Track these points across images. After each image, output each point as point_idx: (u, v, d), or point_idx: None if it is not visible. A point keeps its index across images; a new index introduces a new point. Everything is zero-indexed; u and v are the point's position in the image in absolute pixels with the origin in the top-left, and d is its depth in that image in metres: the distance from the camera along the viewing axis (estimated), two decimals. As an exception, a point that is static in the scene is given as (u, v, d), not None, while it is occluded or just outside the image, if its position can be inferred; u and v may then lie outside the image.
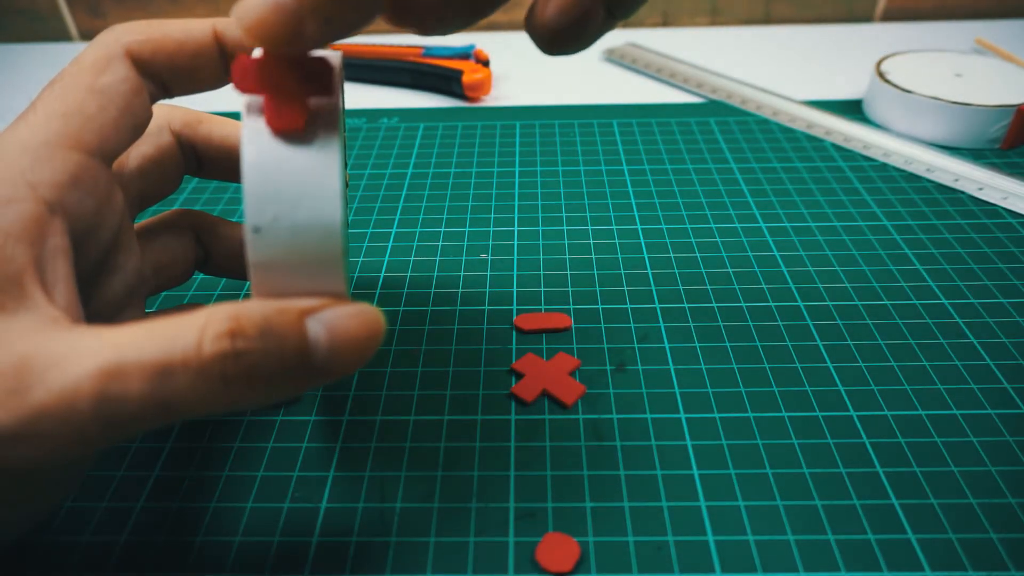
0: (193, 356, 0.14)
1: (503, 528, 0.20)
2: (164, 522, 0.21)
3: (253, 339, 0.15)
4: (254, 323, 0.15)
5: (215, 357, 0.14)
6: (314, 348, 0.15)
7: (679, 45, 0.55)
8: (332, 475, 0.22)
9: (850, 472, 0.22)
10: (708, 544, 0.20)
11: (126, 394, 0.14)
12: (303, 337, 0.15)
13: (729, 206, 0.34)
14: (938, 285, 0.29)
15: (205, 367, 0.14)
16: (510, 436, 0.23)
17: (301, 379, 0.15)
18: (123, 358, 0.14)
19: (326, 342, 0.15)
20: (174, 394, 0.14)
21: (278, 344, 0.15)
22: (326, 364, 0.15)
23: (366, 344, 0.15)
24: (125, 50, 0.18)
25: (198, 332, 0.14)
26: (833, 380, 0.25)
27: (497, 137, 0.42)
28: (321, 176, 0.16)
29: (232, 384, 0.14)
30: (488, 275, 0.30)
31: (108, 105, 0.17)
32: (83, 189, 0.17)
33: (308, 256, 0.16)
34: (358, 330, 0.15)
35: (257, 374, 0.15)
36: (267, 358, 0.15)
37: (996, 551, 0.19)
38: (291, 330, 0.15)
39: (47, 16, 0.60)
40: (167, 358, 0.14)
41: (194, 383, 0.14)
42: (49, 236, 0.16)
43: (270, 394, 0.15)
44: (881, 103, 0.41)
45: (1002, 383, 0.24)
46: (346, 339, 0.15)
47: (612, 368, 0.25)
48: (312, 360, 0.15)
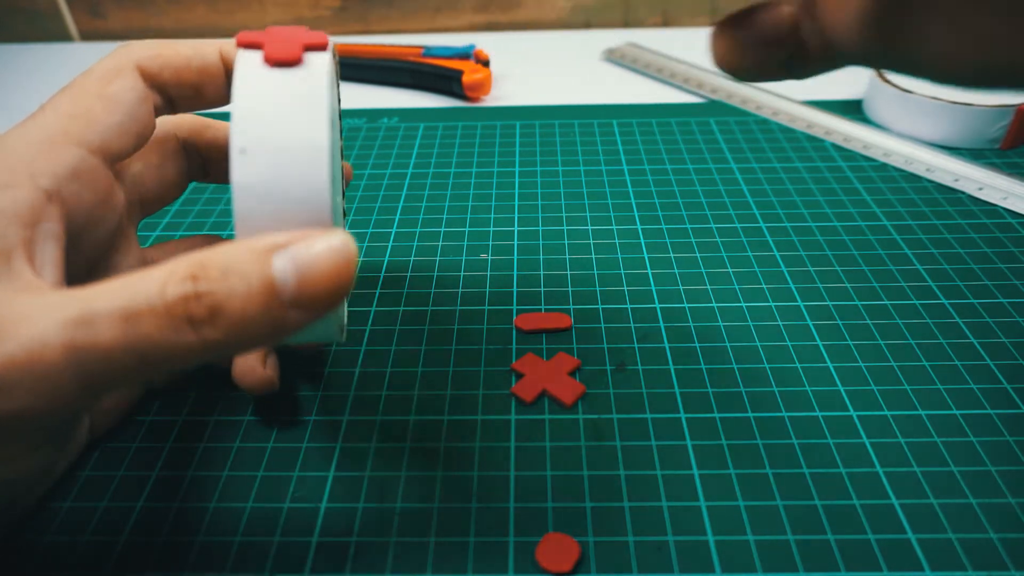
0: (157, 299, 0.14)
1: (503, 528, 0.20)
2: (164, 522, 0.21)
3: (215, 279, 0.15)
4: (216, 264, 0.15)
5: (178, 299, 0.14)
6: (281, 284, 0.15)
7: (679, 45, 0.55)
8: (332, 475, 0.22)
9: (850, 472, 0.22)
10: (708, 544, 0.20)
11: (95, 341, 0.14)
12: (267, 274, 0.15)
13: (729, 206, 0.34)
14: (938, 285, 0.29)
15: (170, 309, 0.14)
16: (510, 436, 0.23)
17: (274, 319, 0.15)
18: (90, 307, 0.14)
19: (294, 277, 0.15)
20: (144, 339, 0.14)
21: (242, 282, 0.15)
22: (298, 299, 0.15)
23: (337, 276, 0.15)
24: (135, 63, 0.19)
25: (163, 277, 0.15)
26: (833, 380, 0.25)
27: (497, 137, 0.42)
28: (311, 104, 0.16)
29: (201, 327, 0.14)
30: (488, 275, 0.30)
31: (114, 110, 0.18)
32: (81, 182, 0.18)
33: (294, 179, 0.16)
34: (327, 262, 0.15)
35: (224, 314, 0.14)
36: (232, 297, 0.14)
37: (996, 551, 0.19)
38: (255, 267, 0.15)
39: (47, 16, 0.60)
40: (133, 304, 0.14)
41: (161, 327, 0.14)
42: (44, 221, 0.17)
43: (244, 337, 0.15)
44: (881, 103, 0.41)
45: (1002, 383, 0.24)
46: (315, 272, 0.15)
47: (612, 368, 0.25)
48: (281, 297, 0.15)
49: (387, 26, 0.60)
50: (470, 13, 0.59)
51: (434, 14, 0.59)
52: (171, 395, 0.25)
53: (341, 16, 0.59)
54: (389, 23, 0.60)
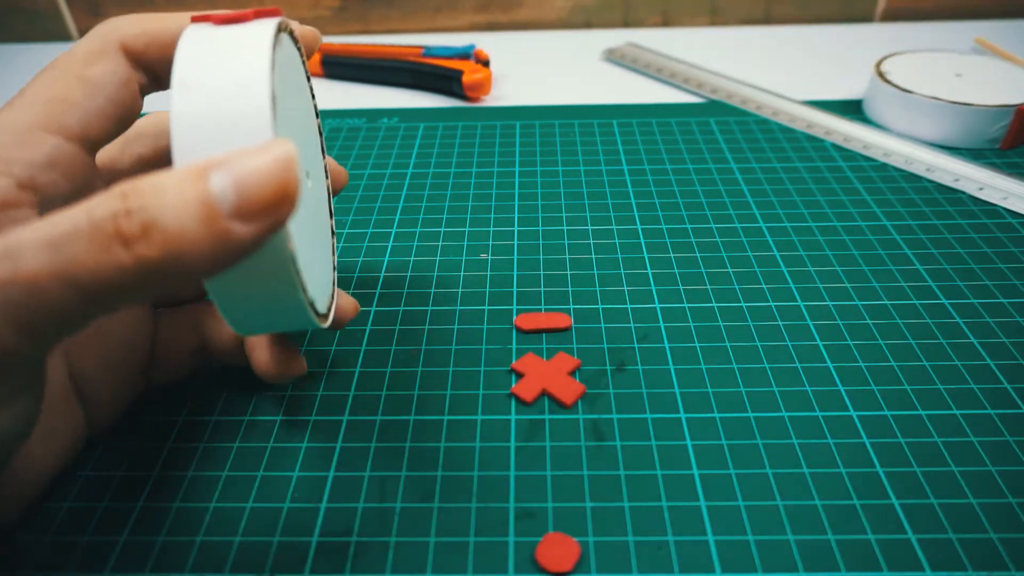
0: (83, 219, 0.14)
1: (503, 528, 0.20)
2: (164, 522, 0.21)
3: (146, 195, 0.14)
4: (148, 182, 0.14)
5: (106, 215, 0.14)
6: (220, 195, 0.14)
7: (679, 45, 0.55)
8: (332, 475, 0.22)
9: (850, 472, 0.22)
10: (708, 544, 0.20)
11: (20, 271, 0.13)
12: (203, 187, 0.14)
13: (729, 206, 0.34)
14: (938, 285, 0.29)
15: (97, 227, 0.13)
16: (510, 436, 0.23)
17: (215, 231, 0.14)
18: (14, 239, 0.14)
19: (232, 187, 0.14)
20: (72, 263, 0.13)
21: (177, 197, 0.14)
22: (240, 209, 0.14)
23: (278, 178, 0.14)
24: (119, 42, 0.18)
25: (89, 202, 0.14)
26: (833, 380, 0.25)
27: (497, 137, 0.42)
28: (254, 46, 0.16)
29: (134, 244, 0.13)
30: (488, 275, 0.30)
31: (95, 94, 0.18)
32: (58, 171, 0.17)
33: (234, 115, 0.16)
34: (266, 168, 0.14)
35: (158, 229, 0.14)
36: (165, 211, 0.14)
37: (996, 551, 0.19)
38: (190, 183, 0.14)
39: (47, 16, 0.60)
40: (57, 231, 0.14)
41: (90, 248, 0.13)
42: (14, 207, 0.16)
43: (184, 255, 0.14)
44: (881, 103, 0.41)
45: (1002, 383, 0.24)
46: (253, 180, 0.14)
47: (612, 368, 0.25)
48: (219, 208, 0.14)
49: (387, 26, 0.60)
50: (470, 13, 0.59)
51: (434, 14, 0.59)
52: (171, 395, 0.25)
53: (341, 16, 0.59)
54: (389, 23, 0.60)
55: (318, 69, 0.51)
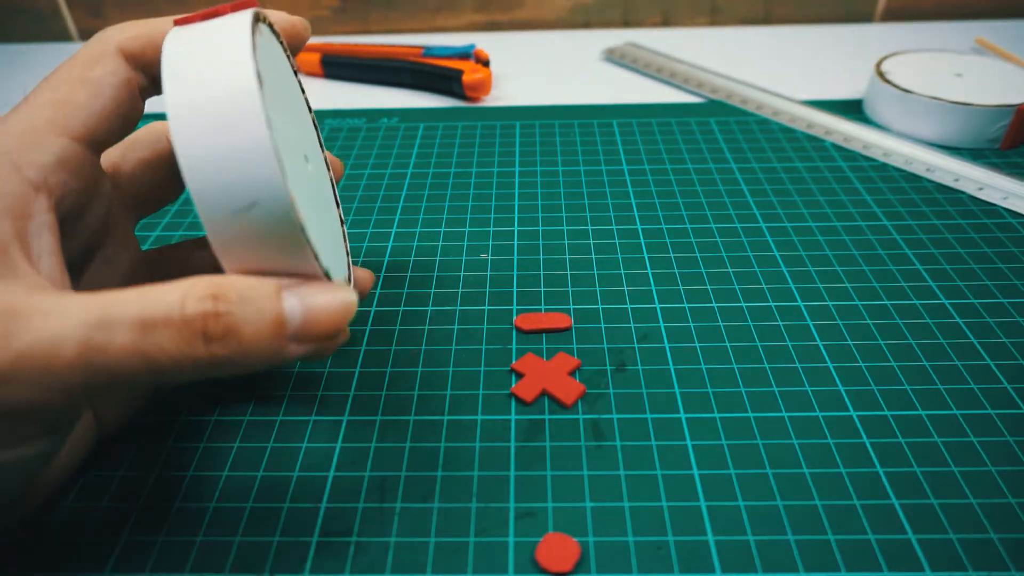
0: (176, 312, 0.15)
1: (503, 528, 0.20)
2: (164, 522, 0.21)
3: (234, 303, 0.16)
4: (235, 289, 0.16)
5: (197, 315, 0.15)
6: (290, 318, 0.16)
7: (679, 45, 0.55)
8: (332, 474, 0.22)
9: (850, 472, 0.22)
10: (708, 544, 0.20)
11: (109, 344, 0.15)
12: (279, 308, 0.16)
13: (729, 206, 0.34)
14: (938, 285, 0.29)
15: (188, 323, 0.15)
16: (510, 436, 0.23)
17: (277, 347, 0.16)
18: (108, 311, 0.15)
19: (300, 313, 0.16)
20: (156, 348, 0.15)
21: (256, 309, 0.16)
22: (301, 333, 0.17)
23: (337, 318, 0.17)
24: (117, 47, 0.19)
25: (182, 293, 0.16)
26: (833, 380, 0.25)
27: (497, 137, 0.42)
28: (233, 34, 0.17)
29: (212, 343, 0.15)
30: (488, 275, 0.30)
31: (98, 95, 0.18)
32: (68, 171, 0.18)
33: (224, 97, 0.16)
34: (330, 304, 0.17)
35: (235, 335, 0.16)
36: (246, 321, 0.16)
37: (996, 551, 0.19)
38: (268, 298, 0.16)
39: (47, 16, 0.60)
40: (151, 313, 0.15)
41: (175, 339, 0.15)
42: (34, 213, 0.17)
43: (246, 359, 0.16)
44: (881, 103, 0.41)
45: (1002, 383, 0.24)
46: (319, 311, 0.17)
47: (612, 368, 0.25)
48: (287, 328, 0.16)
49: (387, 26, 0.60)
50: (470, 13, 0.59)
51: (434, 14, 0.59)
52: (171, 395, 0.25)
53: (341, 16, 0.59)
54: (389, 23, 0.60)
55: (318, 69, 0.51)
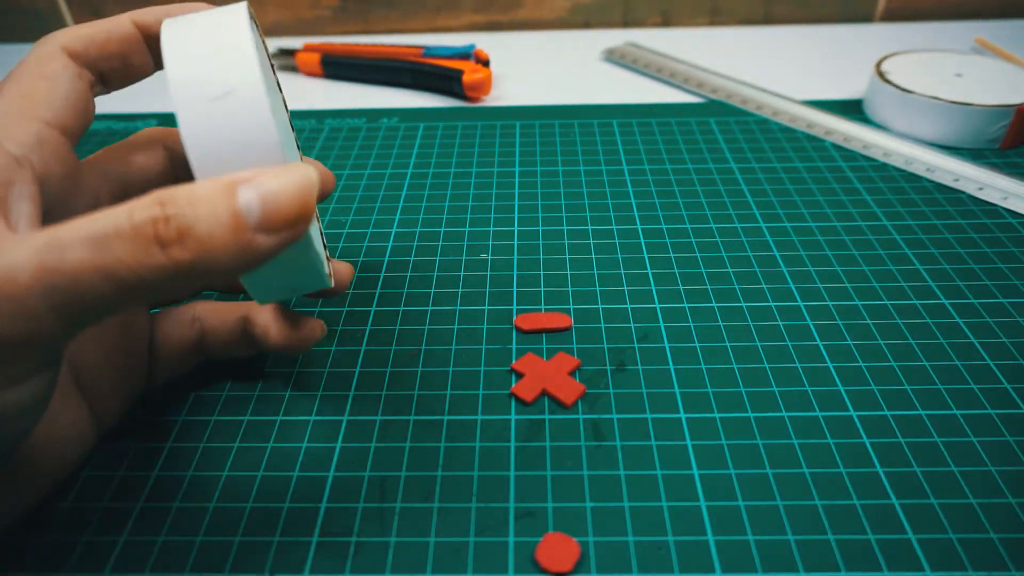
0: (125, 222, 0.15)
1: (503, 528, 0.20)
2: (164, 522, 0.21)
3: (182, 205, 0.15)
4: (182, 193, 0.16)
5: (146, 220, 0.15)
6: (247, 211, 0.16)
7: (679, 45, 0.55)
8: (332, 475, 0.22)
9: (850, 472, 0.22)
10: (708, 544, 0.20)
11: (63, 263, 0.15)
12: (233, 202, 0.16)
13: (729, 206, 0.34)
14: (938, 285, 0.29)
15: (138, 230, 0.15)
16: (510, 436, 0.23)
17: (243, 241, 0.16)
18: (59, 234, 0.15)
19: (257, 201, 0.16)
20: (113, 259, 0.15)
21: (209, 208, 0.15)
22: (264, 222, 0.16)
23: (299, 199, 0.16)
24: (60, 46, 0.20)
25: (130, 205, 0.15)
26: (833, 380, 0.25)
27: (497, 137, 0.42)
28: (233, 23, 0.18)
29: (169, 247, 0.15)
30: (488, 275, 0.30)
31: (56, 87, 0.19)
32: (47, 150, 0.19)
33: (240, 128, 0.17)
34: (287, 186, 0.16)
35: (192, 236, 0.15)
36: (199, 221, 0.15)
37: (996, 551, 0.19)
38: (220, 196, 0.16)
39: (47, 16, 0.60)
40: (101, 228, 0.15)
41: (130, 248, 0.15)
42: (16, 182, 0.17)
43: (214, 259, 0.16)
44: (881, 103, 0.41)
45: (1002, 383, 0.24)
46: (278, 198, 0.16)
47: (612, 368, 0.25)
48: (247, 221, 0.16)
49: (387, 26, 0.60)
50: (470, 13, 0.59)
51: (434, 14, 0.59)
52: (171, 395, 0.25)
53: (341, 16, 0.59)
54: (389, 23, 0.60)
55: (318, 69, 0.51)
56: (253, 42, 0.18)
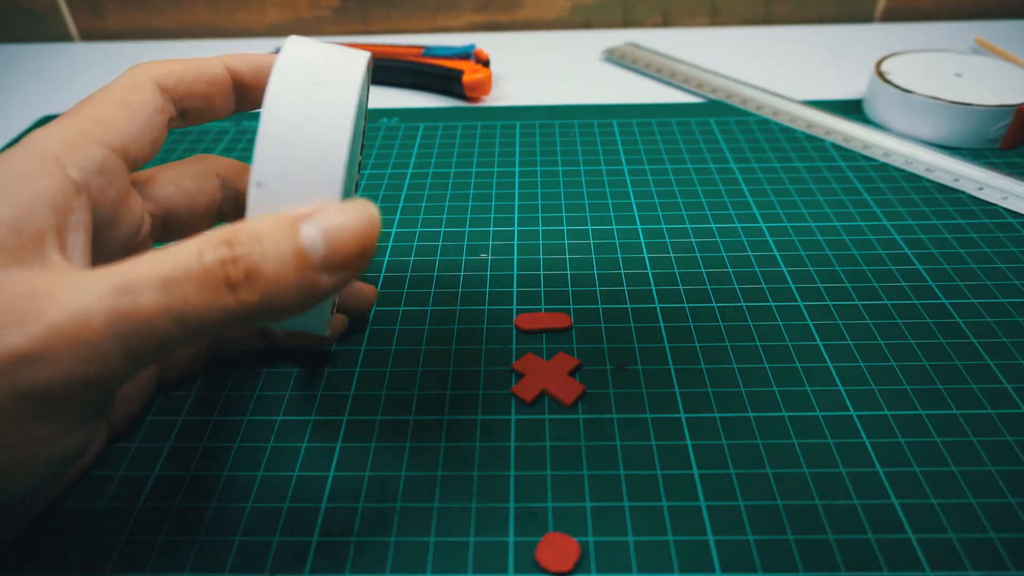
0: (195, 264, 0.15)
1: (503, 528, 0.20)
2: (164, 522, 0.21)
3: (248, 244, 0.15)
4: (247, 231, 0.16)
5: (215, 262, 0.15)
6: (311, 247, 0.16)
7: (679, 45, 0.55)
8: (332, 475, 0.22)
9: (850, 472, 0.22)
10: (708, 544, 0.20)
11: (137, 308, 0.15)
12: (297, 239, 0.16)
13: (729, 206, 0.34)
14: (938, 285, 0.29)
15: (208, 272, 0.15)
16: (510, 436, 0.23)
17: (307, 281, 0.16)
18: (130, 275, 0.15)
19: (322, 239, 0.16)
20: (183, 303, 0.15)
21: (274, 246, 0.15)
22: (327, 262, 0.16)
23: (363, 237, 0.16)
24: (154, 79, 0.20)
25: (198, 245, 0.16)
26: (833, 380, 0.25)
27: (497, 137, 0.42)
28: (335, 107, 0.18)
29: (237, 289, 0.15)
30: (488, 275, 0.30)
31: (135, 117, 0.19)
32: (107, 178, 0.19)
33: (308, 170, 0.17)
34: (352, 225, 0.16)
35: (259, 277, 0.15)
36: (265, 261, 0.15)
37: (996, 551, 0.19)
38: (285, 234, 0.16)
39: (47, 16, 0.60)
40: (171, 270, 0.15)
41: (200, 290, 0.15)
42: (74, 210, 0.17)
43: (278, 300, 0.16)
44: (881, 103, 0.41)
45: (1002, 383, 0.24)
46: (341, 235, 0.16)
47: (612, 368, 0.25)
48: (312, 260, 0.16)
49: (387, 26, 0.60)
50: (470, 13, 0.59)
51: (434, 14, 0.59)
52: (171, 395, 0.25)
53: (341, 16, 0.59)
54: (389, 23, 0.60)
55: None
56: (358, 95, 0.18)
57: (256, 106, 0.22)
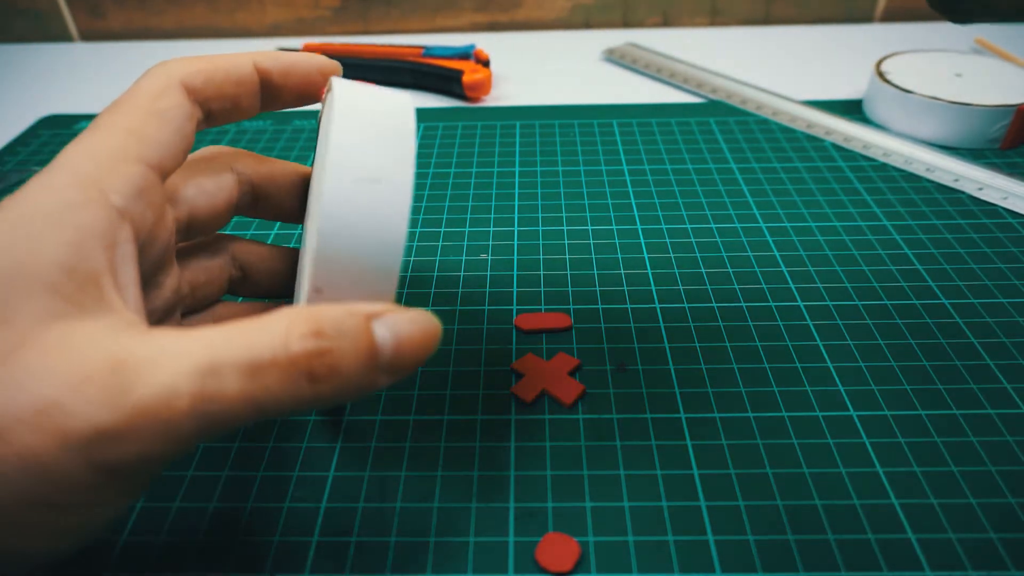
0: (281, 353, 0.15)
1: (503, 528, 0.20)
2: (164, 522, 0.21)
3: (334, 338, 0.15)
4: (332, 323, 0.16)
5: (302, 354, 0.15)
6: (381, 349, 0.16)
7: (679, 45, 0.55)
8: (332, 475, 0.22)
9: (850, 472, 0.22)
10: (708, 544, 0.20)
11: (222, 392, 0.14)
12: (372, 339, 0.16)
13: (729, 206, 0.34)
14: (938, 285, 0.29)
15: (293, 364, 0.15)
16: (510, 436, 0.23)
17: (370, 380, 0.16)
18: (217, 357, 0.15)
19: (391, 343, 0.16)
20: (265, 391, 0.15)
21: (353, 344, 0.16)
22: (391, 364, 0.16)
23: (426, 347, 0.17)
24: (180, 80, 0.19)
25: (284, 331, 0.15)
26: (833, 380, 0.25)
27: (497, 137, 0.42)
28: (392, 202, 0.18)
29: (318, 382, 0.15)
30: (488, 275, 0.30)
31: (165, 126, 0.18)
32: (145, 201, 0.17)
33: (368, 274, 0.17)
34: (419, 334, 0.17)
35: (337, 372, 0.15)
36: (344, 357, 0.15)
37: (996, 551, 0.19)
38: (362, 331, 0.16)
39: (47, 16, 0.60)
40: (258, 356, 0.15)
41: (282, 380, 0.15)
42: (120, 241, 0.16)
43: (343, 395, 0.16)
44: (881, 103, 0.41)
45: (1002, 383, 0.24)
46: (409, 342, 0.16)
47: (612, 368, 0.25)
48: (379, 360, 0.16)
49: (387, 26, 0.60)
50: (470, 13, 0.59)
51: (434, 14, 0.59)
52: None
53: (341, 16, 0.59)
54: (389, 23, 0.60)
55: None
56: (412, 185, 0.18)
57: (282, 107, 0.21)
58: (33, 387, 0.14)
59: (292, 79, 0.21)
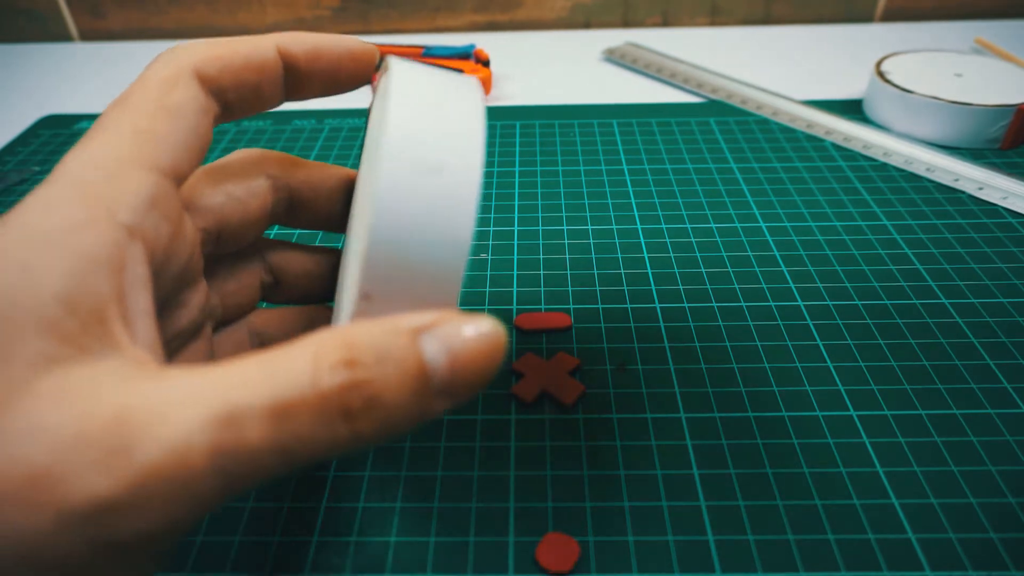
0: (311, 391, 0.13)
1: (503, 528, 0.20)
2: (164, 522, 0.21)
3: (371, 366, 0.13)
4: (367, 347, 0.13)
5: (335, 390, 0.13)
6: (433, 367, 0.13)
7: (679, 45, 0.55)
8: (332, 475, 0.22)
9: (850, 472, 0.22)
10: (708, 544, 0.20)
11: (244, 444, 0.12)
12: (420, 360, 0.13)
13: (729, 206, 0.34)
14: (938, 285, 0.29)
15: (325, 402, 0.13)
16: (510, 436, 0.23)
17: (421, 407, 0.13)
18: (235, 403, 0.12)
19: (446, 362, 0.13)
20: (295, 437, 0.12)
21: (396, 368, 0.13)
22: (448, 387, 0.13)
23: (489, 362, 0.14)
24: (193, 68, 0.17)
25: (311, 364, 0.13)
26: (833, 380, 0.25)
27: (497, 137, 0.42)
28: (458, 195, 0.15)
29: (355, 419, 0.13)
30: (488, 275, 0.30)
31: (178, 124, 0.16)
32: (160, 213, 0.15)
33: (426, 278, 0.15)
34: (480, 346, 0.14)
35: (379, 405, 0.13)
36: (387, 385, 0.13)
37: (996, 551, 0.19)
38: (408, 351, 0.13)
39: (47, 16, 0.60)
40: (282, 397, 0.12)
41: (315, 422, 0.13)
42: (129, 264, 0.14)
43: (390, 430, 0.13)
44: (881, 103, 0.41)
45: (1002, 383, 0.24)
46: (467, 357, 0.13)
47: (612, 368, 0.25)
48: (431, 384, 0.13)
49: (387, 26, 0.60)
50: (470, 13, 0.59)
51: (434, 14, 0.59)
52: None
53: (341, 16, 0.59)
54: (389, 23, 0.60)
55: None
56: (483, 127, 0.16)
57: (307, 96, 0.19)
58: (21, 452, 0.12)
59: (320, 64, 0.18)
